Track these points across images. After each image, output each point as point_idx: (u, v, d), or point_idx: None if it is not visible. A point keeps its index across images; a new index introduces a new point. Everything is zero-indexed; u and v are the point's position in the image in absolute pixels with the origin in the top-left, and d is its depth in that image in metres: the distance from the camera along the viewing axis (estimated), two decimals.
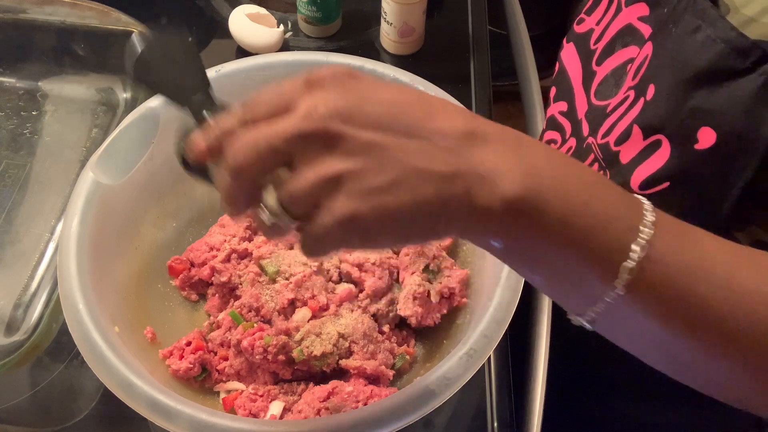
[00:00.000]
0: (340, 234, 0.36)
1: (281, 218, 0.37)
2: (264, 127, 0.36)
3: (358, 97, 0.36)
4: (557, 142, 0.68)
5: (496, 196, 0.35)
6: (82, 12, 0.83)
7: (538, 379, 0.69)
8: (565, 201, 0.36)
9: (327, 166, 0.35)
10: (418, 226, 0.36)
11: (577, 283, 0.38)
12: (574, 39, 0.66)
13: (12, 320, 0.66)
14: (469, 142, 0.36)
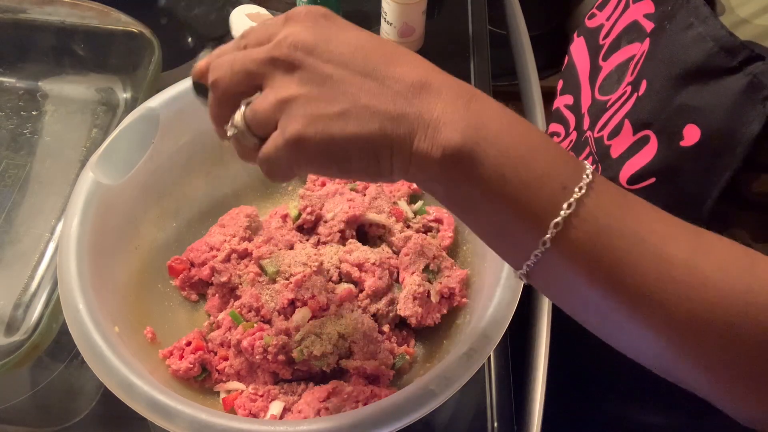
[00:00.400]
0: (287, 154, 0.39)
1: (244, 135, 0.41)
2: (243, 52, 0.41)
3: (326, 35, 0.40)
4: (560, 135, 0.68)
5: (436, 143, 0.37)
6: (82, 12, 0.83)
7: (538, 379, 0.69)
8: (503, 156, 0.37)
9: (285, 89, 0.39)
10: (361, 159, 0.39)
11: (511, 236, 0.40)
12: (585, 33, 0.66)
13: (12, 320, 0.66)
14: (422, 90, 0.39)
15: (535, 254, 0.38)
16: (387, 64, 0.39)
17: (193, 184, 0.72)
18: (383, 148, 0.38)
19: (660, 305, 0.37)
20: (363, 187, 0.73)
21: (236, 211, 0.72)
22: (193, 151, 0.71)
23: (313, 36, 0.39)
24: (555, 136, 0.69)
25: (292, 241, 0.69)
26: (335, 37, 0.40)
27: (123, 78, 0.84)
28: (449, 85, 0.39)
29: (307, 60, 0.39)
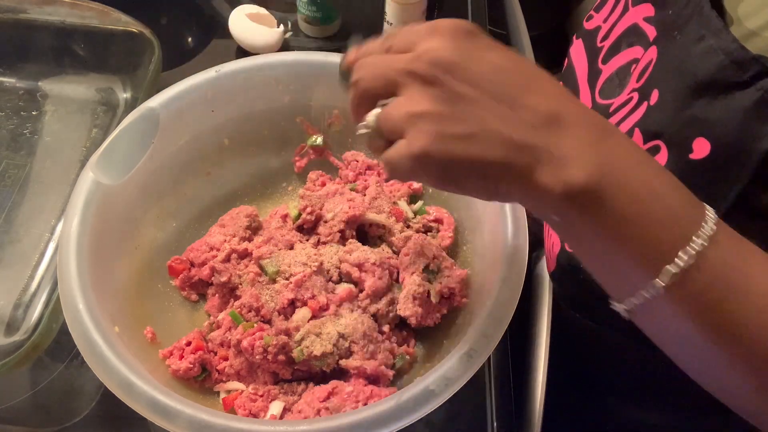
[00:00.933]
0: (410, 164, 0.40)
1: (373, 134, 0.43)
2: (386, 57, 0.42)
3: (466, 54, 0.40)
4: None
5: (559, 178, 0.37)
6: (82, 12, 0.83)
7: (538, 379, 0.69)
8: (627, 198, 0.37)
9: (417, 103, 0.39)
10: (479, 182, 0.40)
11: (621, 273, 0.40)
12: (583, 35, 0.66)
13: (12, 320, 0.66)
14: (553, 123, 0.38)
15: (643, 294, 0.39)
16: (523, 90, 0.39)
17: (193, 184, 0.72)
18: (503, 174, 0.39)
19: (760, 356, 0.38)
20: (363, 187, 0.73)
21: (236, 211, 0.72)
22: (193, 151, 0.71)
23: (452, 54, 0.40)
24: None
25: (292, 241, 0.69)
26: (476, 56, 0.40)
27: (123, 78, 0.84)
28: (582, 119, 0.39)
29: (444, 78, 0.39)
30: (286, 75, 0.70)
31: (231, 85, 0.69)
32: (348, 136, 0.75)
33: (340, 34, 0.96)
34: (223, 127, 0.72)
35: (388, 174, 0.43)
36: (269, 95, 0.71)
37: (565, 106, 0.39)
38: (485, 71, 0.39)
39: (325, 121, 0.74)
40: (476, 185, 0.40)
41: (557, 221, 0.40)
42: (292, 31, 0.95)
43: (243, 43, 0.92)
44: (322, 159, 0.76)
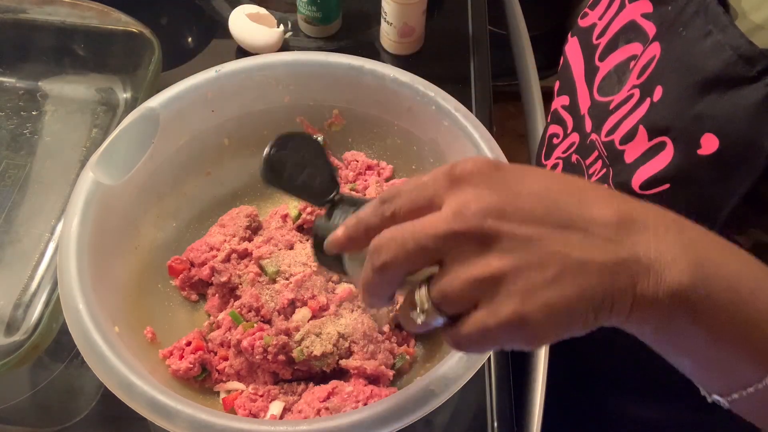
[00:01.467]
0: (502, 335, 0.35)
1: (431, 316, 0.37)
2: (411, 225, 0.36)
3: (509, 192, 0.35)
4: (559, 136, 0.68)
5: (662, 287, 0.34)
6: (82, 12, 0.83)
7: (538, 379, 0.69)
8: (733, 292, 0.35)
9: (485, 266, 0.34)
10: (582, 318, 0.35)
11: (728, 370, 0.38)
12: (578, 33, 0.66)
13: (12, 320, 0.66)
14: (627, 228, 0.35)
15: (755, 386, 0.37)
16: (580, 206, 0.35)
17: (193, 184, 0.72)
18: (605, 302, 0.35)
19: None
20: (363, 187, 0.73)
21: (236, 211, 0.72)
22: (193, 151, 0.71)
23: (496, 197, 0.35)
24: (555, 137, 0.69)
25: (292, 241, 0.69)
26: (519, 190, 0.35)
27: (123, 78, 0.84)
28: (652, 216, 0.36)
29: (500, 227, 0.34)
30: (286, 75, 0.70)
31: (231, 85, 0.69)
32: (348, 136, 0.75)
33: (340, 34, 0.96)
34: (223, 127, 0.72)
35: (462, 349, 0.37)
36: (269, 95, 0.71)
37: (625, 206, 0.36)
38: (536, 202, 0.35)
39: (325, 121, 0.74)
40: (577, 326, 0.35)
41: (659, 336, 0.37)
42: (292, 31, 0.95)
43: (243, 43, 0.92)
44: None
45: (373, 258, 0.37)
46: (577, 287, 0.34)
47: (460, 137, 0.65)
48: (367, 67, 0.69)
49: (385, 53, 0.94)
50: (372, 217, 0.38)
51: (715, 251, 0.36)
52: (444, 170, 0.37)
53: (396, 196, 0.38)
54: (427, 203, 0.36)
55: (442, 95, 0.67)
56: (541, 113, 0.94)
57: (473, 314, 0.35)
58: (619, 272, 0.34)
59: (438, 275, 0.36)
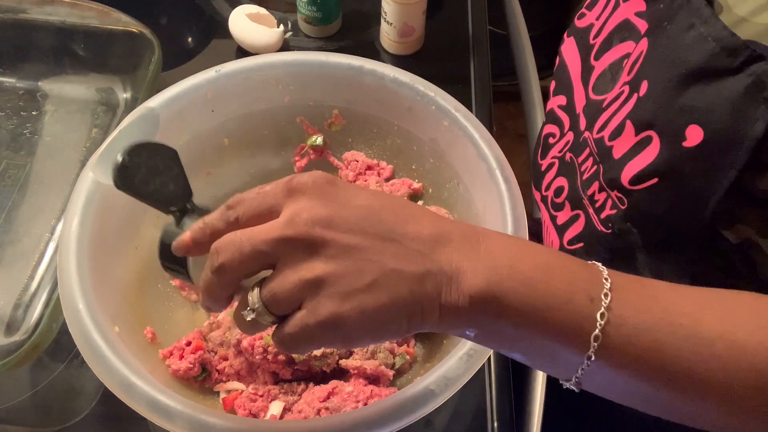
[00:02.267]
0: (320, 333, 0.38)
1: (262, 316, 0.40)
2: (249, 231, 0.39)
3: (338, 204, 0.39)
4: (556, 135, 0.68)
5: (462, 293, 0.38)
6: (82, 12, 0.83)
7: (538, 379, 0.69)
8: (526, 287, 0.39)
9: (309, 269, 0.38)
10: (394, 323, 0.39)
11: (552, 356, 0.41)
12: (575, 33, 0.66)
13: (12, 320, 0.66)
14: (437, 243, 0.39)
15: (581, 368, 0.40)
16: (400, 222, 0.39)
17: (193, 184, 0.72)
18: (415, 309, 0.39)
19: (710, 382, 0.39)
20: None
21: None
22: (193, 151, 0.70)
23: (326, 209, 0.39)
24: (551, 137, 0.69)
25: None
26: (347, 204, 0.39)
27: (123, 78, 0.84)
28: (457, 232, 0.40)
29: (328, 235, 0.38)
30: (286, 75, 0.70)
31: (231, 85, 0.69)
32: (348, 136, 0.75)
33: (340, 34, 0.96)
34: (223, 127, 0.72)
35: (287, 349, 0.40)
36: (269, 95, 0.71)
37: (439, 225, 0.40)
38: (361, 215, 0.39)
39: (325, 121, 0.74)
40: (391, 330, 0.39)
41: (475, 334, 0.40)
42: (292, 31, 0.95)
43: (243, 43, 0.92)
44: (322, 159, 0.76)
45: (212, 259, 0.40)
46: (390, 294, 0.38)
47: (460, 137, 0.65)
48: (367, 67, 0.69)
49: (385, 53, 0.94)
50: (217, 221, 0.41)
51: (510, 256, 0.40)
52: (284, 181, 0.40)
53: (240, 203, 0.41)
54: (267, 211, 0.40)
55: (442, 95, 0.67)
56: (541, 113, 0.94)
57: (296, 314, 0.39)
58: (426, 281, 0.38)
59: (269, 278, 0.39)
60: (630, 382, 0.40)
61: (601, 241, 0.59)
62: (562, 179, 0.66)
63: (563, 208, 0.65)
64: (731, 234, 0.50)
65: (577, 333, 0.39)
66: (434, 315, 0.39)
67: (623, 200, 0.54)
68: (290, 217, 0.38)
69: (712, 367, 0.39)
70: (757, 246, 0.49)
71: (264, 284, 0.39)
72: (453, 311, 0.39)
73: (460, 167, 0.67)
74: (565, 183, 0.65)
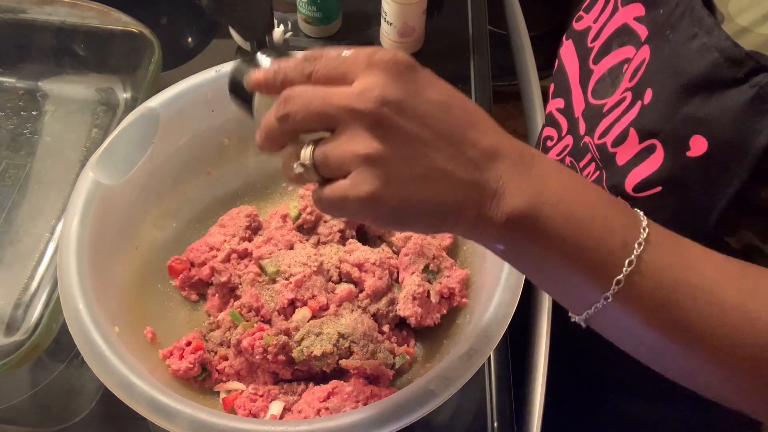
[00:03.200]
0: (355, 207, 0.39)
1: (308, 172, 0.41)
2: (321, 90, 0.40)
3: (411, 91, 0.39)
4: (554, 138, 0.68)
5: (500, 210, 0.39)
6: (82, 12, 0.83)
7: (538, 379, 0.69)
8: (564, 218, 0.39)
9: (365, 144, 0.38)
10: (427, 220, 0.40)
11: (572, 288, 0.42)
12: (573, 36, 0.66)
13: (12, 320, 0.66)
14: (490, 157, 0.40)
15: (595, 306, 0.41)
16: (465, 127, 0.40)
17: (193, 184, 0.72)
18: (451, 212, 0.39)
19: (716, 347, 0.40)
20: None
21: (236, 211, 0.72)
22: (193, 151, 0.71)
23: (401, 92, 0.38)
24: (549, 140, 0.69)
25: (292, 241, 0.69)
26: (420, 93, 0.39)
27: (123, 78, 0.84)
28: (513, 150, 0.40)
29: (393, 118, 0.38)
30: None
31: None
32: None
33: (340, 34, 0.96)
34: (223, 127, 0.72)
35: (322, 209, 0.41)
36: None
37: (498, 140, 0.40)
38: (431, 109, 0.39)
39: None
40: (423, 223, 0.40)
41: (503, 250, 0.41)
42: (292, 31, 0.95)
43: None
44: None
45: (279, 106, 0.41)
46: (433, 191, 0.39)
47: None
48: None
49: None
50: (291, 69, 0.42)
51: (556, 183, 0.40)
52: (366, 52, 0.40)
53: (318, 59, 0.41)
54: (342, 75, 0.40)
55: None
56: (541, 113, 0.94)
57: (340, 181, 0.39)
58: (470, 191, 0.39)
59: (326, 140, 0.40)
60: (638, 330, 0.41)
61: None
62: None
63: None
64: (735, 241, 0.50)
65: (601, 273, 0.39)
66: (468, 223, 0.40)
67: None
68: (363, 89, 0.38)
69: (721, 334, 0.39)
70: (760, 251, 0.49)
71: (319, 144, 0.40)
72: (487, 224, 0.39)
73: None
74: None
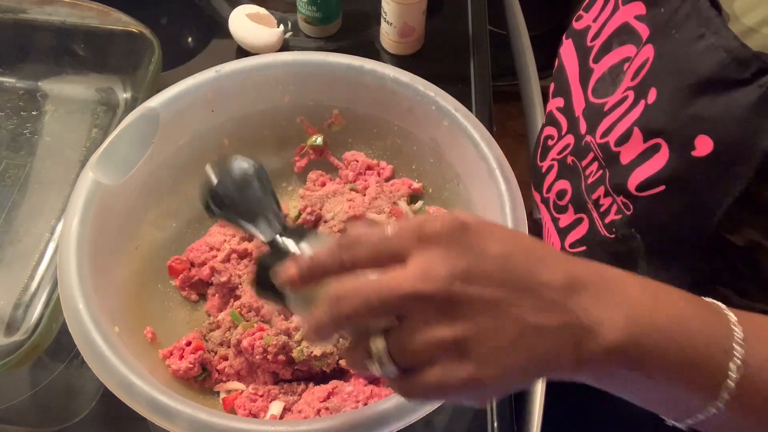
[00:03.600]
0: (455, 393, 0.37)
1: (385, 366, 0.38)
2: (376, 282, 0.36)
3: (473, 255, 0.36)
4: (554, 137, 0.68)
5: (600, 346, 0.37)
6: (82, 12, 0.83)
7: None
8: (665, 340, 0.37)
9: (447, 328, 0.35)
10: (530, 377, 0.38)
11: (675, 404, 0.40)
12: (573, 35, 0.66)
13: (12, 320, 0.66)
14: (570, 291, 0.37)
15: (704, 414, 0.39)
16: (533, 268, 0.37)
17: (193, 184, 0.72)
18: (550, 363, 0.37)
19: None
20: (363, 187, 0.73)
21: None
22: (193, 151, 0.71)
23: (464, 261, 0.36)
24: (549, 139, 0.69)
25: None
26: (482, 253, 0.37)
27: (123, 78, 0.84)
28: (590, 276, 0.38)
29: (466, 291, 0.35)
30: (286, 75, 0.70)
31: (231, 85, 0.69)
32: (348, 136, 0.75)
33: (340, 34, 0.96)
34: (223, 127, 0.72)
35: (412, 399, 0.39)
36: (269, 95, 0.71)
37: (571, 269, 0.38)
38: (498, 265, 0.36)
39: (325, 121, 0.74)
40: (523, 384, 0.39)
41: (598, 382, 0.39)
42: (292, 31, 0.95)
43: (243, 43, 0.92)
44: (322, 159, 0.76)
45: (333, 307, 0.37)
46: (530, 352, 0.36)
47: (460, 137, 0.65)
48: (367, 67, 0.69)
49: (385, 53, 0.94)
50: (329, 261, 0.38)
51: (647, 302, 0.38)
52: (412, 227, 0.37)
53: (356, 245, 0.38)
54: (390, 257, 0.37)
55: (442, 95, 0.67)
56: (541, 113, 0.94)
57: (429, 370, 0.36)
58: (564, 335, 0.36)
59: (399, 330, 0.37)
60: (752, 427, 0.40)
61: (603, 246, 0.59)
62: (564, 182, 0.66)
63: (566, 211, 0.65)
64: (737, 238, 0.50)
65: (708, 384, 0.38)
66: (569, 367, 0.37)
67: (629, 206, 0.54)
68: (425, 270, 0.35)
69: None
70: (763, 248, 0.49)
71: (393, 337, 0.37)
72: (589, 363, 0.37)
73: (460, 167, 0.67)
74: (567, 186, 0.65)
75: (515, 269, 0.37)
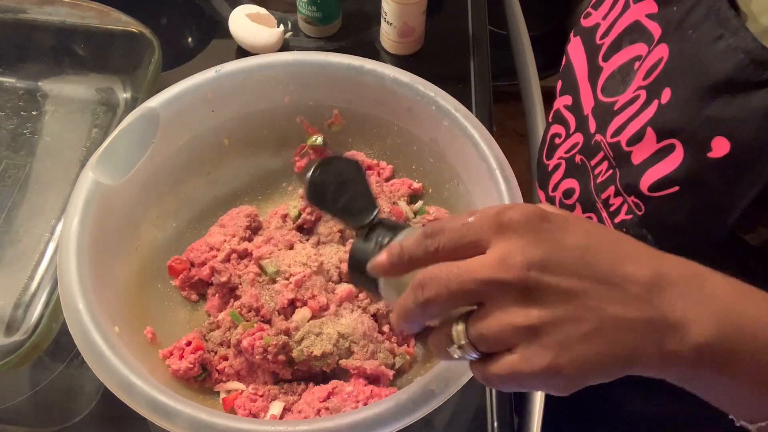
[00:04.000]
0: (532, 381, 0.37)
1: (466, 351, 0.39)
2: (456, 267, 0.37)
3: (552, 244, 0.37)
4: (562, 136, 0.68)
5: (687, 344, 0.36)
6: (82, 12, 0.83)
7: None
8: (752, 341, 0.37)
9: (524, 316, 0.36)
10: (610, 371, 0.37)
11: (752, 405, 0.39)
12: (581, 33, 0.66)
13: (12, 320, 0.66)
14: (656, 287, 0.37)
15: None
16: (617, 262, 0.37)
17: (193, 184, 0.72)
18: (633, 357, 0.37)
19: None
20: None
21: (236, 211, 0.72)
22: (193, 151, 0.71)
23: (541, 250, 0.36)
24: (557, 137, 0.69)
25: (292, 241, 0.69)
26: (561, 243, 0.37)
27: (123, 78, 0.84)
28: (677, 272, 0.38)
29: (544, 280, 0.36)
30: (286, 75, 0.70)
31: (231, 85, 0.69)
32: (348, 136, 0.75)
33: (340, 34, 0.96)
34: (223, 127, 0.72)
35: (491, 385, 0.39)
36: (269, 95, 0.71)
37: (659, 264, 0.38)
38: (578, 256, 0.36)
39: (325, 121, 0.74)
40: (604, 378, 0.37)
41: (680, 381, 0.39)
42: (292, 31, 0.95)
43: (243, 43, 0.92)
44: None
45: (417, 292, 0.38)
46: (609, 343, 0.36)
47: (460, 137, 0.65)
48: (367, 67, 0.69)
49: (385, 53, 0.94)
50: (415, 249, 0.40)
51: (735, 301, 0.38)
52: (491, 215, 0.38)
53: (440, 233, 0.39)
54: (471, 245, 0.38)
55: (442, 95, 0.67)
56: (542, 113, 0.94)
57: (507, 357, 0.37)
58: (647, 331, 0.36)
59: (477, 316, 0.38)
60: None
61: None
62: (572, 181, 0.66)
63: (573, 210, 0.65)
64: (752, 237, 0.50)
65: None
66: (652, 364, 0.37)
67: (640, 206, 0.54)
68: (502, 257, 0.36)
69: None
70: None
71: (471, 322, 0.38)
72: (673, 362, 0.37)
73: (460, 167, 0.67)
74: (575, 185, 0.65)
75: (596, 262, 0.37)
